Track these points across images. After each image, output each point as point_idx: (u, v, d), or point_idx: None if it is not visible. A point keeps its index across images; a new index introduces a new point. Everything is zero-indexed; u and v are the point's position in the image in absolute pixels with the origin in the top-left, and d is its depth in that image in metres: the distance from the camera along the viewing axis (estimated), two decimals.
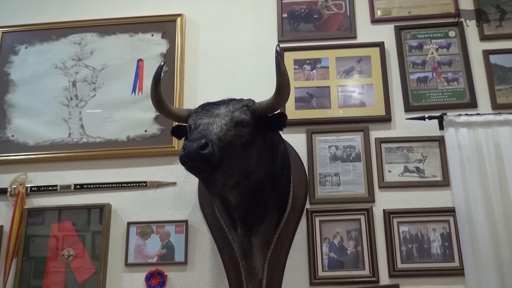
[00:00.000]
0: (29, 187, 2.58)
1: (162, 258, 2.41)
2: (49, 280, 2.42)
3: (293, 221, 2.35)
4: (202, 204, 2.47)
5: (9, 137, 2.69)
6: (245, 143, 1.87)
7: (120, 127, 2.65)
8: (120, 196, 2.54)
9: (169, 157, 2.57)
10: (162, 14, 2.83)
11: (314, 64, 2.70)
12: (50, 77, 2.79)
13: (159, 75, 2.07)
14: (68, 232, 2.49)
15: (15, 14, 2.94)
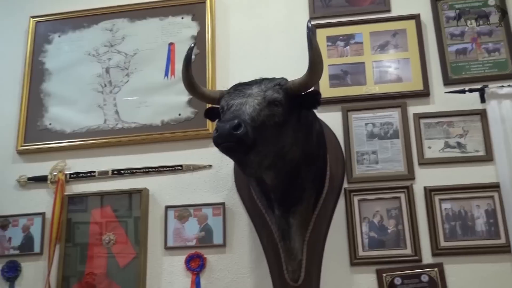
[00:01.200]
0: (68, 174, 2.64)
1: (200, 241, 2.44)
2: (92, 265, 2.48)
3: (331, 201, 2.34)
4: (238, 186, 2.48)
5: (47, 126, 2.75)
6: (278, 122, 1.85)
7: (154, 112, 2.68)
8: (157, 181, 2.57)
9: (204, 140, 2.58)
10: None
11: (348, 40, 2.65)
12: (84, 64, 2.83)
13: (190, 57, 2.08)
14: (108, 217, 2.54)
15: (47, 3, 2.99)
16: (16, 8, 3.02)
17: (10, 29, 3.00)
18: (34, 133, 2.74)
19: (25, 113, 2.77)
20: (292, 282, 2.23)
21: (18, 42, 2.95)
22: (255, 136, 1.73)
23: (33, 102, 2.79)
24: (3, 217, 2.63)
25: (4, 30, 3.01)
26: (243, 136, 1.68)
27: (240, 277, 2.38)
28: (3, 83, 2.89)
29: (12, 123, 2.79)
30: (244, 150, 1.73)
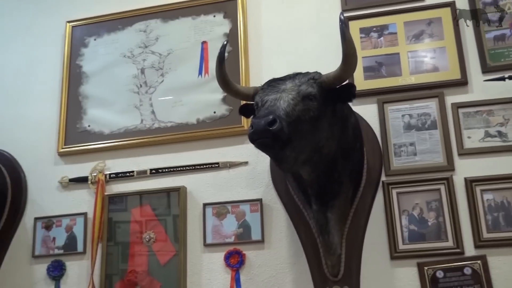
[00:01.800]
0: (108, 174, 2.70)
1: (239, 237, 2.46)
2: (134, 263, 2.53)
3: (369, 195, 2.33)
4: (275, 182, 2.49)
5: (86, 127, 2.81)
6: (314, 117, 1.85)
7: (189, 110, 2.71)
8: (194, 179, 2.60)
9: (239, 137, 2.60)
10: None
11: (381, 31, 2.62)
12: (119, 66, 2.88)
13: (223, 54, 2.09)
14: (147, 216, 2.58)
15: (82, 7, 3.05)
16: (53, 14, 3.10)
17: (48, 34, 3.07)
18: (74, 135, 2.81)
19: (65, 115, 2.84)
20: (332, 277, 2.23)
21: (55, 46, 3.03)
22: (290, 131, 1.73)
23: (72, 105, 2.86)
24: (47, 218, 2.70)
25: (42, 36, 3.09)
26: (278, 131, 1.69)
27: (279, 273, 2.39)
28: (43, 88, 2.97)
29: (52, 126, 2.87)
30: (279, 145, 1.74)
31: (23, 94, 3.00)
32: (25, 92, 3.00)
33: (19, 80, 3.04)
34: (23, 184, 2.80)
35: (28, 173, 2.83)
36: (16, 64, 3.08)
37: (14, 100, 3.00)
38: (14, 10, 3.20)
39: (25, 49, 3.10)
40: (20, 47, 3.11)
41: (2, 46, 3.14)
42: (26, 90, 3.01)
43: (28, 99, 2.98)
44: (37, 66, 3.03)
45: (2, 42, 3.15)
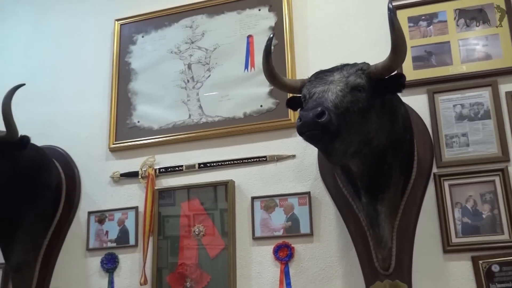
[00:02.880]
0: (158, 169, 2.74)
1: (287, 230, 2.46)
2: (184, 256, 2.56)
3: (420, 187, 2.28)
4: (323, 175, 2.48)
5: (136, 123, 2.87)
6: (362, 108, 1.83)
7: (236, 105, 2.72)
8: (242, 172, 2.62)
9: (286, 130, 2.60)
10: None
11: (431, 19, 2.56)
12: (167, 62, 2.93)
13: (269, 47, 2.09)
14: (196, 210, 2.62)
15: (130, 6, 3.11)
16: (102, 13, 3.17)
17: (97, 32, 3.15)
18: (124, 131, 2.87)
19: (115, 112, 2.91)
20: (383, 270, 2.20)
21: (104, 44, 3.10)
22: (339, 123, 1.72)
23: (122, 102, 2.93)
24: (100, 212, 2.78)
25: (91, 34, 3.17)
26: (327, 123, 1.68)
27: (328, 266, 2.38)
28: (93, 85, 3.05)
29: (103, 122, 2.94)
30: (328, 138, 1.73)
31: (75, 92, 3.09)
32: (76, 90, 3.09)
33: (71, 78, 3.13)
34: (76, 179, 2.89)
35: (81, 168, 2.92)
36: (67, 63, 3.17)
37: (67, 98, 3.10)
38: (64, 11, 3.30)
39: (76, 48, 3.19)
40: (71, 47, 3.20)
41: (54, 46, 3.24)
42: (78, 88, 3.09)
43: (79, 97, 3.07)
44: (87, 64, 3.12)
45: (54, 42, 3.25)
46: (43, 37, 3.30)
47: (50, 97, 3.12)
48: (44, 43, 3.28)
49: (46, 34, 3.30)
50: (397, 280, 2.19)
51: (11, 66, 3.28)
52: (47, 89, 3.14)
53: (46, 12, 3.35)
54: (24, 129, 2.53)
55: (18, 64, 3.28)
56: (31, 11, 3.38)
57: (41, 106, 3.10)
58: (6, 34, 3.40)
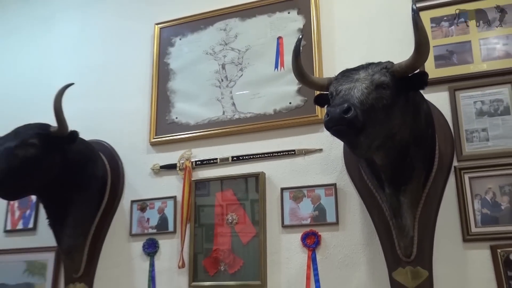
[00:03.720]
0: (194, 162, 2.77)
1: (315, 219, 2.46)
2: (218, 242, 2.58)
3: (441, 179, 2.25)
4: (348, 168, 2.46)
5: (174, 119, 2.90)
6: (387, 104, 1.81)
7: (266, 102, 2.72)
8: (272, 165, 2.62)
9: (314, 126, 2.59)
10: None
11: (452, 20, 2.51)
12: (202, 62, 2.94)
13: (298, 48, 2.09)
14: (229, 200, 2.63)
15: (168, 10, 3.13)
16: (143, 17, 3.21)
17: (138, 36, 3.19)
18: (163, 127, 2.90)
19: (155, 109, 2.94)
20: (405, 257, 2.19)
21: (145, 47, 3.14)
22: (364, 119, 1.71)
23: (161, 99, 2.96)
24: (141, 201, 2.82)
25: (133, 37, 3.21)
26: (353, 119, 1.67)
27: (353, 253, 2.37)
28: (135, 84, 3.09)
29: (145, 118, 2.98)
30: (354, 132, 1.72)
31: (119, 90, 3.13)
32: (120, 89, 3.13)
33: (115, 78, 3.18)
34: (120, 170, 2.93)
35: (125, 161, 2.96)
36: (112, 64, 3.22)
37: (111, 96, 3.14)
38: (108, 16, 3.35)
39: (119, 50, 3.23)
40: (115, 49, 3.25)
41: (100, 49, 3.30)
42: (121, 87, 3.14)
43: (123, 95, 3.11)
44: (130, 65, 3.16)
45: (100, 45, 3.31)
46: (89, 40, 3.36)
47: (97, 95, 3.18)
48: (90, 46, 3.34)
49: (92, 37, 3.35)
50: (419, 267, 2.17)
51: (61, 67, 3.35)
52: (93, 88, 3.19)
53: (92, 18, 3.40)
54: (73, 125, 2.58)
55: (67, 66, 3.34)
56: (79, 17, 3.45)
57: (88, 103, 3.15)
58: (57, 38, 3.47)
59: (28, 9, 3.63)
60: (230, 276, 2.51)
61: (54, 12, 3.54)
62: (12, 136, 2.46)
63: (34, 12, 3.60)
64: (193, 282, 2.55)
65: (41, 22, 3.55)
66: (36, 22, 3.57)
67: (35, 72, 3.43)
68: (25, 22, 3.61)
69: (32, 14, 3.61)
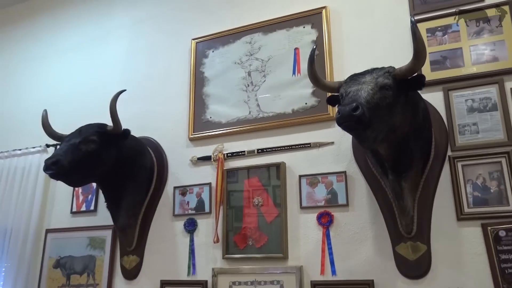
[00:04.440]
0: (225, 154, 2.76)
1: (328, 201, 2.43)
2: (246, 221, 2.58)
3: (437, 167, 2.21)
4: (356, 158, 2.43)
5: (208, 119, 2.90)
6: (389, 103, 1.79)
7: (286, 103, 2.70)
8: (291, 156, 2.60)
9: (326, 122, 2.56)
10: (310, 8, 2.79)
11: (446, 30, 2.44)
12: (231, 71, 2.93)
13: (313, 57, 2.08)
14: (255, 186, 2.62)
15: (203, 27, 3.13)
16: (181, 34, 3.21)
17: (178, 49, 3.19)
18: (200, 125, 2.90)
19: (193, 110, 2.94)
20: (406, 234, 2.16)
21: (184, 58, 3.14)
22: (370, 116, 1.69)
23: (198, 102, 2.96)
24: (182, 187, 2.83)
25: (174, 51, 3.21)
26: (361, 116, 1.65)
27: (361, 230, 2.34)
28: (176, 89, 3.09)
29: (184, 118, 2.98)
30: (362, 127, 1.70)
31: (162, 95, 3.14)
32: (163, 94, 3.15)
33: (159, 85, 3.19)
34: (164, 161, 2.94)
35: (168, 153, 2.97)
36: (156, 73, 3.23)
37: (156, 100, 3.16)
38: (152, 33, 3.36)
39: (162, 61, 3.24)
40: (158, 60, 3.26)
41: (145, 61, 3.31)
42: (164, 92, 3.15)
43: (166, 99, 3.12)
44: (171, 74, 3.16)
45: (145, 58, 3.32)
46: (137, 54, 3.38)
47: (144, 99, 3.19)
48: (138, 59, 3.36)
49: (139, 52, 3.38)
50: (418, 242, 2.15)
51: (114, 77, 3.38)
52: (141, 94, 3.21)
53: (139, 35, 3.42)
54: (125, 124, 2.61)
55: (119, 75, 3.37)
56: (127, 35, 3.48)
57: (138, 106, 3.17)
58: (110, 53, 3.50)
59: (86, 30, 3.68)
60: (256, 249, 2.50)
61: (107, 32, 3.57)
62: (76, 134, 2.51)
63: (91, 33, 3.65)
64: (226, 255, 2.56)
65: (97, 40, 3.60)
66: (93, 40, 3.61)
67: (94, 81, 3.47)
68: (84, 40, 3.66)
69: (89, 34, 3.65)
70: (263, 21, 2.92)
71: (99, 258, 2.92)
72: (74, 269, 2.98)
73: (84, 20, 3.72)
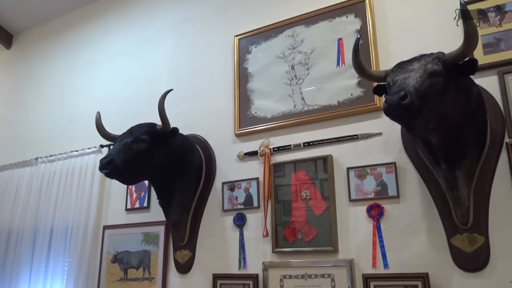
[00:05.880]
0: (272, 148, 2.77)
1: (378, 193, 2.39)
2: (295, 215, 2.58)
3: (494, 155, 2.11)
4: (406, 148, 2.37)
5: (254, 114, 2.92)
6: (440, 90, 1.73)
7: (330, 95, 2.67)
8: (338, 148, 2.57)
9: (373, 113, 2.51)
10: None
11: (499, 10, 2.32)
12: (275, 65, 2.93)
13: (357, 46, 2.05)
14: (303, 179, 2.61)
15: (244, 24, 3.15)
16: (224, 31, 3.25)
17: (221, 47, 3.23)
18: (245, 120, 2.93)
19: (238, 106, 2.97)
20: (462, 225, 2.08)
21: (227, 55, 3.17)
22: (420, 104, 1.64)
23: (242, 98, 2.98)
24: (230, 182, 2.87)
25: (217, 48, 3.25)
26: (409, 104, 1.61)
27: (413, 222, 2.28)
28: (221, 87, 3.14)
29: (230, 114, 3.02)
30: (411, 116, 1.66)
31: (208, 93, 3.19)
32: (209, 91, 3.19)
33: (204, 83, 3.24)
34: (212, 158, 2.99)
35: (215, 150, 3.02)
36: (201, 71, 3.29)
37: (202, 98, 3.21)
38: (196, 32, 3.42)
39: (206, 59, 3.29)
40: (203, 58, 3.31)
41: (191, 59, 3.38)
42: (209, 90, 3.19)
43: (211, 96, 3.17)
44: (215, 71, 3.21)
45: (190, 56, 3.39)
46: (182, 53, 3.45)
47: (190, 97, 3.26)
48: (183, 58, 3.43)
49: (184, 51, 3.44)
50: (475, 234, 2.07)
51: (162, 76, 3.47)
52: (187, 92, 3.28)
53: (183, 35, 3.49)
54: (174, 123, 2.68)
55: (165, 74, 3.46)
56: (172, 36, 3.56)
57: (184, 104, 3.24)
58: (156, 53, 3.60)
59: (133, 33, 3.80)
60: (306, 243, 2.50)
61: (152, 33, 3.67)
62: (128, 134, 2.61)
63: (138, 35, 3.77)
64: (276, 248, 2.57)
65: (143, 42, 3.71)
66: (139, 43, 3.73)
67: (142, 82, 3.58)
68: (132, 43, 3.78)
69: (136, 36, 3.78)
70: (305, 13, 2.90)
71: (153, 253, 3.02)
72: (131, 263, 3.10)
73: (130, 24, 3.85)
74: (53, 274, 3.37)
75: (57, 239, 3.43)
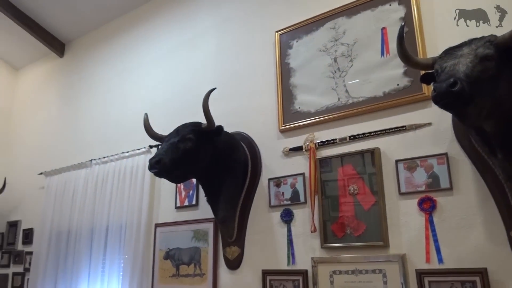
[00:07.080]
0: (317, 143, 2.75)
1: (429, 186, 2.31)
2: (343, 210, 2.55)
3: None
4: (458, 138, 2.27)
5: (297, 109, 2.91)
6: (492, 75, 1.64)
7: (376, 86, 2.61)
8: (385, 141, 2.51)
9: (421, 103, 2.43)
10: None
11: None
12: (317, 59, 2.90)
13: (402, 34, 1.98)
14: (350, 174, 2.57)
15: (285, 19, 3.14)
16: (264, 28, 3.25)
17: (262, 43, 3.24)
18: (289, 116, 2.92)
19: (281, 102, 2.97)
20: None
21: (269, 51, 3.18)
22: (471, 91, 1.57)
23: (285, 93, 2.97)
24: (276, 178, 2.87)
25: (258, 45, 3.26)
26: (460, 91, 1.54)
27: (469, 215, 2.19)
28: (263, 83, 3.14)
29: (273, 110, 3.02)
30: (462, 104, 1.58)
31: (251, 90, 3.21)
32: (251, 88, 3.21)
33: (247, 80, 3.26)
34: (257, 154, 3.00)
35: (260, 146, 3.03)
36: (243, 69, 3.31)
37: (245, 95, 3.23)
38: (238, 29, 3.45)
39: (248, 57, 3.31)
40: (245, 55, 3.33)
41: (233, 57, 3.40)
42: (252, 86, 3.21)
43: (254, 93, 3.18)
44: (258, 68, 3.22)
45: (233, 54, 3.42)
46: (224, 52, 3.49)
47: (234, 95, 3.29)
48: (225, 57, 3.47)
49: (226, 49, 3.48)
50: None
51: (205, 75, 3.53)
52: (231, 90, 3.31)
53: (224, 34, 3.53)
54: (218, 121, 2.72)
55: (209, 74, 3.51)
56: (214, 35, 3.60)
57: (228, 102, 3.28)
58: (200, 53, 3.66)
59: (176, 36, 3.89)
60: (355, 238, 2.46)
61: (195, 35, 3.74)
62: (174, 134, 2.68)
63: (181, 37, 3.85)
64: (325, 244, 2.56)
65: (187, 43, 3.78)
66: (183, 44, 3.81)
67: (187, 82, 3.66)
68: (176, 45, 3.87)
69: (179, 38, 3.86)
70: (346, 4, 2.85)
71: (203, 249, 3.08)
72: (182, 260, 3.19)
73: (173, 27, 3.94)
74: (110, 271, 3.53)
75: (112, 237, 3.58)
